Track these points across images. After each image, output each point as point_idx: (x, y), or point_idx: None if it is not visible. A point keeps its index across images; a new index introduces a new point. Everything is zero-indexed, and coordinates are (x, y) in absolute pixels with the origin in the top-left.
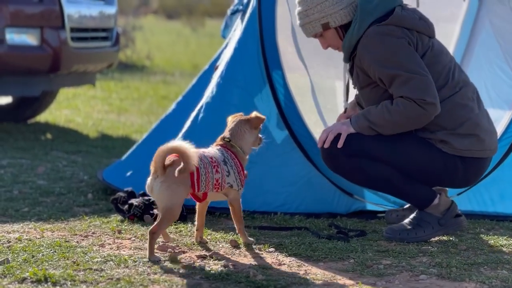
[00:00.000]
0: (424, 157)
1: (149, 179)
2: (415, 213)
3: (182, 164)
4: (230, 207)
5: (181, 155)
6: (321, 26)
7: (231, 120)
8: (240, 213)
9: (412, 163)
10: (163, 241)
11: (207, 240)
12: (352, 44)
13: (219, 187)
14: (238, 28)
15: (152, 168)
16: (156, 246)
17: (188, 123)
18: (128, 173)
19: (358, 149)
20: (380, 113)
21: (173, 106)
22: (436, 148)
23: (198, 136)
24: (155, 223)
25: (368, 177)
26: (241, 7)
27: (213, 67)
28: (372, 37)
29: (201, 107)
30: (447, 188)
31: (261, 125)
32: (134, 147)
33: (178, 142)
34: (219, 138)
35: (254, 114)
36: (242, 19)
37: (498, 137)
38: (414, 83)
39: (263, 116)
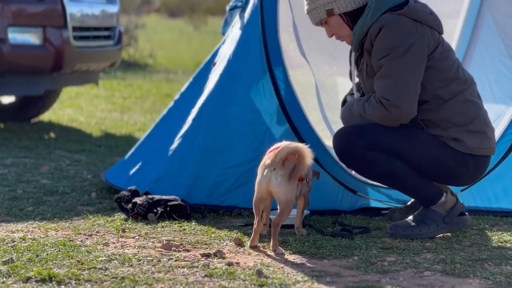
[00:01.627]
0: (437, 155)
1: (266, 172)
2: (420, 210)
3: (297, 166)
4: (298, 202)
5: (300, 158)
6: (326, 12)
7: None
8: (305, 207)
9: (424, 160)
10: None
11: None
12: (363, 31)
13: (306, 178)
14: (236, 25)
15: (268, 161)
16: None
17: (190, 120)
18: (131, 172)
19: (372, 142)
20: (358, 108)
21: (171, 103)
22: (448, 146)
23: (202, 133)
24: (278, 216)
25: (379, 171)
26: (239, 4)
27: (210, 63)
28: (384, 24)
29: (203, 104)
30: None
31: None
32: (136, 145)
33: (301, 144)
34: None
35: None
36: (240, 16)
37: (502, 132)
38: (388, 82)
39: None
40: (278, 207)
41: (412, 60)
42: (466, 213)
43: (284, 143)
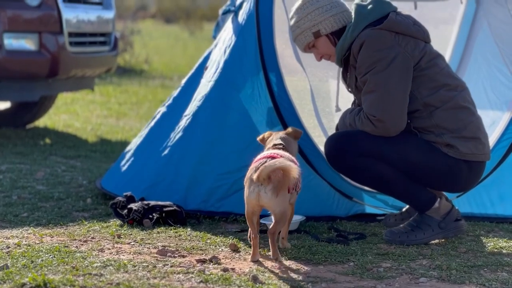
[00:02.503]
0: (430, 161)
1: (253, 187)
2: (415, 215)
3: (282, 181)
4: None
5: (285, 173)
6: (313, 35)
7: (272, 136)
8: (292, 217)
9: (417, 166)
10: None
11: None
12: (345, 47)
13: (295, 188)
14: (228, 29)
15: (255, 178)
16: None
17: (185, 126)
18: (127, 178)
19: (362, 149)
20: (350, 120)
21: (164, 108)
22: (442, 152)
23: (197, 139)
24: (273, 225)
25: (372, 177)
26: (232, 8)
27: (202, 68)
28: (365, 39)
29: (198, 109)
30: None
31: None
32: (130, 150)
33: (286, 162)
34: (271, 146)
35: (290, 128)
36: (233, 20)
37: (497, 138)
38: (373, 97)
39: (300, 130)
40: (273, 218)
41: (395, 74)
42: (462, 219)
43: (269, 164)
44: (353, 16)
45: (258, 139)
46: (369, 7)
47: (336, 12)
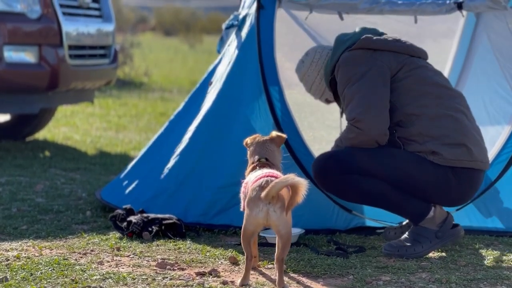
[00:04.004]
0: (416, 170)
1: (262, 206)
2: (411, 228)
3: (292, 199)
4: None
5: (294, 189)
6: (326, 85)
7: (252, 142)
8: None
9: (405, 177)
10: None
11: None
12: (328, 72)
13: None
14: (232, 44)
15: (263, 195)
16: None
17: (186, 140)
18: (127, 190)
19: (349, 166)
20: (337, 140)
21: (167, 124)
22: (427, 160)
23: (198, 152)
24: (280, 250)
25: (360, 194)
26: (236, 22)
27: (207, 83)
28: (340, 62)
29: (200, 123)
30: None
31: (282, 143)
32: (131, 164)
33: (295, 178)
34: (254, 161)
35: (274, 133)
36: (237, 35)
37: (497, 152)
38: (351, 105)
39: (284, 135)
40: (280, 240)
41: (369, 81)
42: (458, 225)
43: (279, 180)
44: (334, 44)
45: (243, 143)
46: (351, 34)
47: (325, 59)
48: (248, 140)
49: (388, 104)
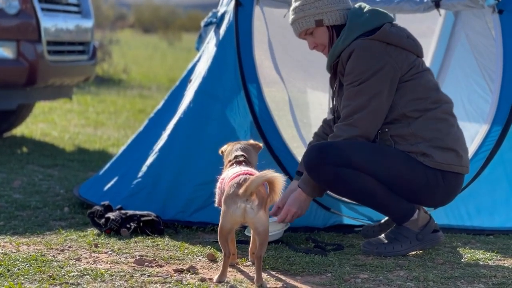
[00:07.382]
0: (406, 171)
1: (239, 203)
2: (393, 227)
3: (270, 195)
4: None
5: (272, 186)
6: (315, 22)
7: (227, 147)
8: None
9: (394, 177)
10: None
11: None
12: (335, 53)
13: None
14: (211, 41)
15: (241, 192)
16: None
17: (165, 137)
18: (105, 187)
19: (342, 159)
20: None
21: (146, 121)
22: (417, 161)
23: (176, 150)
24: (258, 248)
25: (351, 188)
26: (214, 20)
27: (186, 81)
28: (354, 48)
29: (178, 120)
30: None
31: (258, 152)
32: (110, 161)
33: (273, 174)
34: (231, 159)
35: (252, 141)
36: (215, 32)
37: (475, 150)
38: (351, 105)
39: (261, 144)
40: (257, 238)
41: (378, 83)
42: (439, 230)
43: (257, 176)
44: (347, 25)
45: (219, 152)
46: (364, 16)
47: (342, 8)
48: (222, 148)
49: (386, 111)
